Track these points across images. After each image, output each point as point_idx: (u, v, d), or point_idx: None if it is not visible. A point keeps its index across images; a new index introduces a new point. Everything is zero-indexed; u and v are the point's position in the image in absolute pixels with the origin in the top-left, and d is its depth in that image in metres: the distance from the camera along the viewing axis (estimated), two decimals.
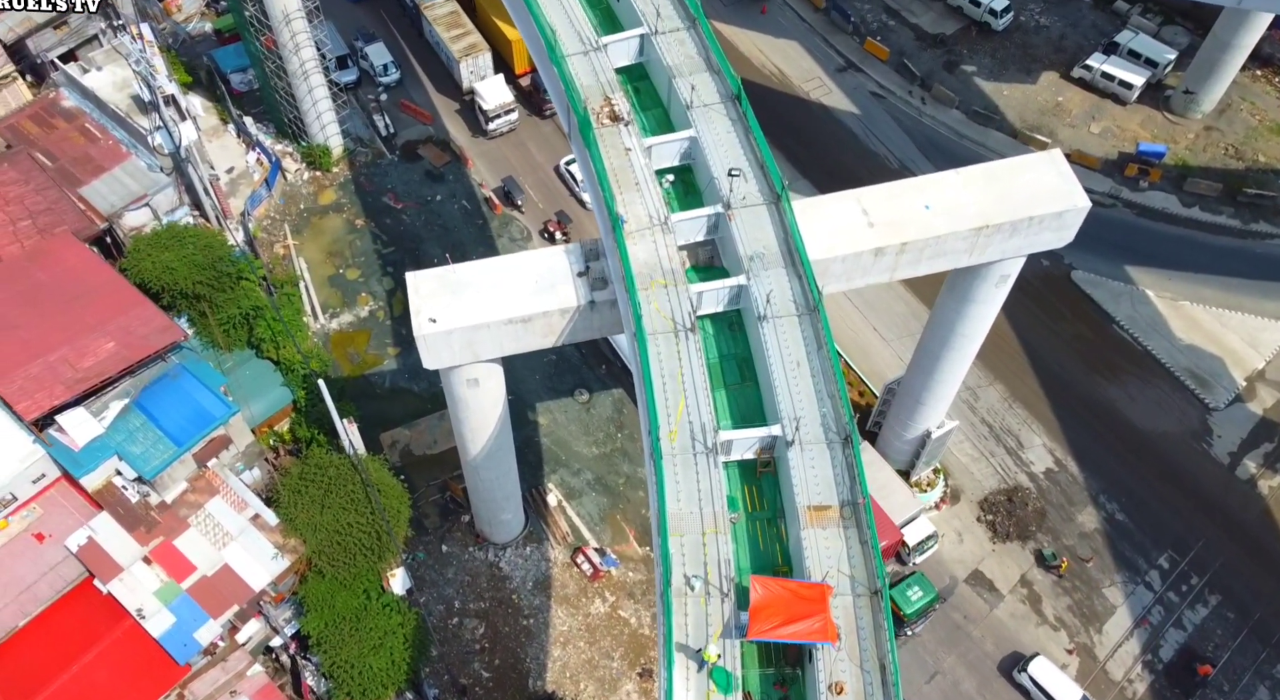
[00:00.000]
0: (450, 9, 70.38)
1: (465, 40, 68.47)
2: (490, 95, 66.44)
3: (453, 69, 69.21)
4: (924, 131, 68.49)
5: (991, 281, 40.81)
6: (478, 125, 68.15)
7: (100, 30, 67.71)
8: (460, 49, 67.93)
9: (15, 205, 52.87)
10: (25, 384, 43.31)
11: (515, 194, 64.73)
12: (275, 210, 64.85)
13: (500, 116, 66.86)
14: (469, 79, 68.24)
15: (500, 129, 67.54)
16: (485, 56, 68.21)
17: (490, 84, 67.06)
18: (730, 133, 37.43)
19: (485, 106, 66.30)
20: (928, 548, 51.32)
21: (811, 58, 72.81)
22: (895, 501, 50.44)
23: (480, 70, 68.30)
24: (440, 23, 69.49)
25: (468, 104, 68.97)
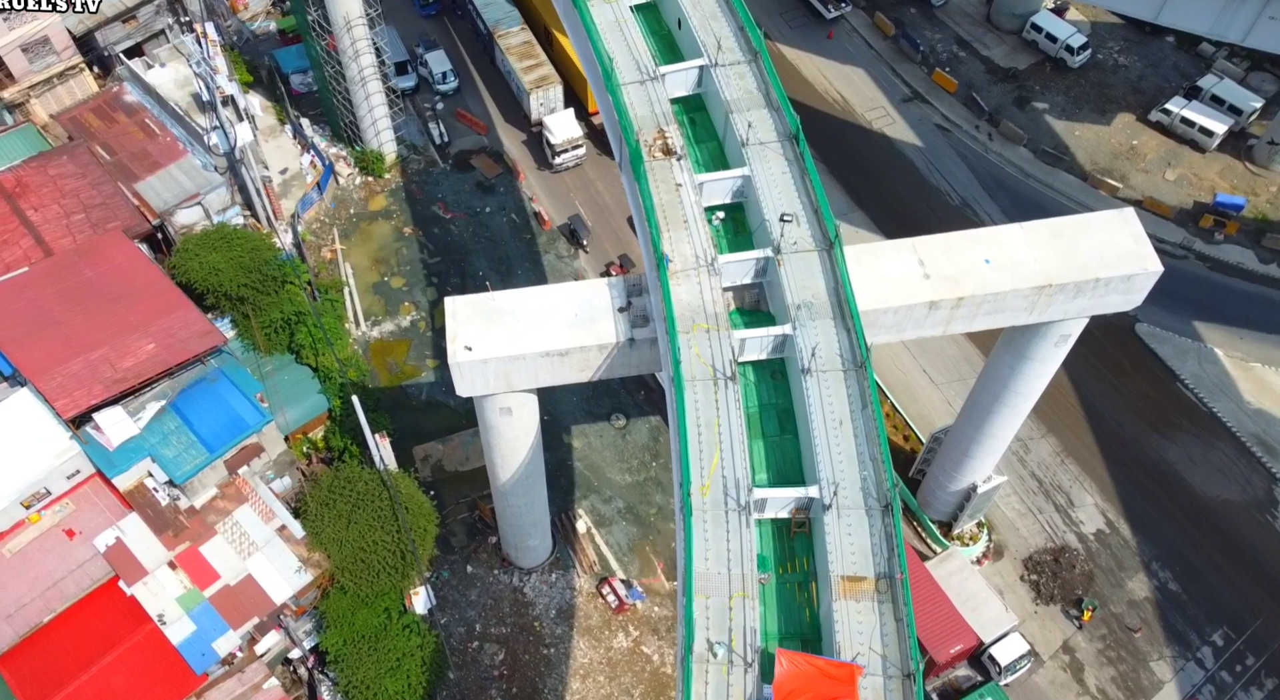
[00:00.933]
0: (524, 39, 68.44)
1: (537, 72, 66.58)
2: (559, 130, 64.68)
3: (522, 100, 67.34)
4: (989, 168, 66.35)
5: (1051, 340, 38.94)
6: (544, 158, 66.54)
7: (168, 26, 68.43)
8: (532, 80, 66.03)
9: (71, 199, 53.37)
10: (65, 381, 43.45)
11: (581, 233, 62.95)
12: (325, 214, 64.85)
13: (567, 151, 65.14)
14: (538, 111, 66.41)
15: (566, 164, 65.82)
16: (556, 89, 66.37)
17: (560, 118, 65.30)
18: (785, 173, 36.09)
19: (553, 140, 64.53)
20: (1019, 667, 47.62)
21: (877, 86, 71.02)
22: (987, 615, 47.64)
23: (550, 103, 66.45)
24: (513, 52, 67.59)
25: (535, 135, 67.31)
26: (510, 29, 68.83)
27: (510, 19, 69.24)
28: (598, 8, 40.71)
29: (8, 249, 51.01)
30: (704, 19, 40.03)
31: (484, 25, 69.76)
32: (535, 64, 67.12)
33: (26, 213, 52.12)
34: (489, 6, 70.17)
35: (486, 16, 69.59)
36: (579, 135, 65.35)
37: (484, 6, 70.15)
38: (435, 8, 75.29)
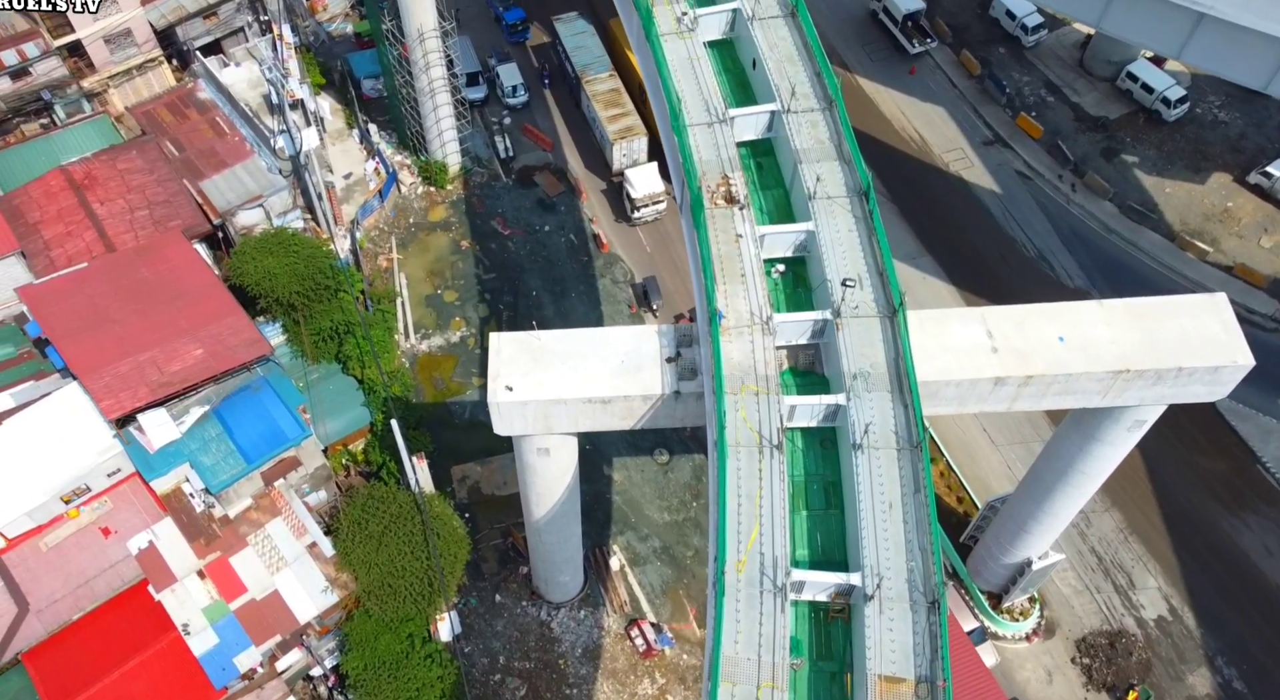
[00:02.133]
0: (612, 86, 65.98)
1: (623, 122, 64.25)
2: (640, 183, 62.48)
3: (605, 148, 65.06)
4: (1070, 221, 63.47)
5: (1124, 425, 36.54)
6: (622, 209, 64.52)
7: (247, 23, 68.94)
8: (616, 131, 63.72)
9: (137, 194, 53.76)
10: (112, 382, 43.50)
11: (653, 295, 60.21)
12: (385, 221, 64.62)
13: (648, 206, 63.12)
14: (620, 161, 64.24)
15: (645, 218, 63.87)
16: (641, 141, 63.82)
17: (642, 172, 63.09)
18: (852, 232, 34.34)
19: (634, 194, 62.25)
20: None
21: (957, 126, 68.54)
22: None
23: (634, 155, 64.32)
24: (600, 99, 65.21)
25: (615, 185, 65.12)
26: (599, 75, 66.35)
27: (600, 64, 66.76)
28: (671, 44, 39.39)
29: (71, 241, 51.52)
30: (780, 62, 38.45)
31: (572, 69, 67.56)
32: (621, 113, 64.64)
33: (93, 205, 52.61)
34: (579, 50, 67.76)
35: (576, 60, 67.31)
36: (660, 190, 62.70)
37: (574, 50, 67.77)
38: (526, 36, 73.80)
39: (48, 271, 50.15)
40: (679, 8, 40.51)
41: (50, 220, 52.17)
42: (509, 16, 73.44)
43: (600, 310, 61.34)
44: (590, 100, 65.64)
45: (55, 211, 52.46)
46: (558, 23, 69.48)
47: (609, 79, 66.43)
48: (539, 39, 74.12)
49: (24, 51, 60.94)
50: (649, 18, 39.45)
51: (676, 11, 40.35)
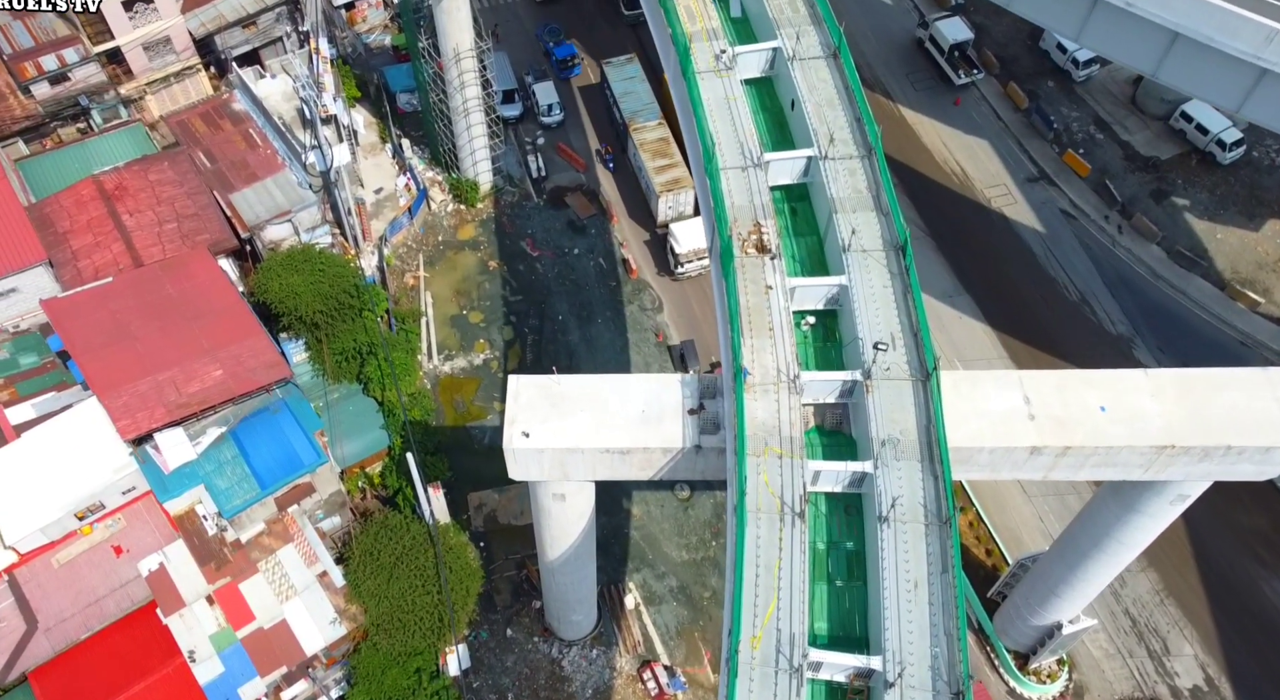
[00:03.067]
0: (661, 135, 63.35)
1: (670, 173, 61.69)
2: (686, 238, 60.05)
3: (650, 199, 62.74)
4: (1115, 264, 61.46)
5: (1166, 498, 34.85)
6: (665, 262, 61.93)
7: (285, 33, 68.74)
8: (663, 182, 61.30)
9: (166, 206, 53.54)
10: (130, 401, 43.15)
11: (690, 360, 57.72)
12: (413, 239, 64.03)
13: (692, 262, 60.77)
14: (666, 214, 61.98)
15: (689, 272, 61.59)
16: (689, 194, 61.54)
17: (689, 226, 60.67)
18: (887, 287, 33.00)
19: (678, 249, 59.88)
20: None
21: (1001, 161, 66.72)
22: None
23: (680, 208, 62.03)
24: (647, 148, 62.72)
25: (660, 237, 63.03)
26: (647, 123, 63.87)
27: (649, 112, 64.21)
28: (708, 82, 38.25)
29: (99, 252, 51.37)
30: (819, 105, 37.17)
31: (620, 114, 65.22)
32: (669, 164, 62.17)
33: (122, 217, 52.46)
34: (628, 96, 65.19)
35: (624, 106, 64.82)
36: (706, 246, 61.19)
37: (623, 95, 65.25)
38: (575, 72, 71.84)
39: (74, 282, 50.03)
40: (718, 44, 39.38)
41: (79, 230, 52.08)
42: (559, 52, 71.29)
43: (626, 337, 60.31)
44: (637, 149, 63.08)
45: (85, 221, 52.37)
46: (607, 66, 67.12)
47: (658, 128, 63.78)
48: (588, 78, 72.02)
49: (64, 57, 61.09)
50: (686, 55, 38.36)
51: (715, 48, 39.22)
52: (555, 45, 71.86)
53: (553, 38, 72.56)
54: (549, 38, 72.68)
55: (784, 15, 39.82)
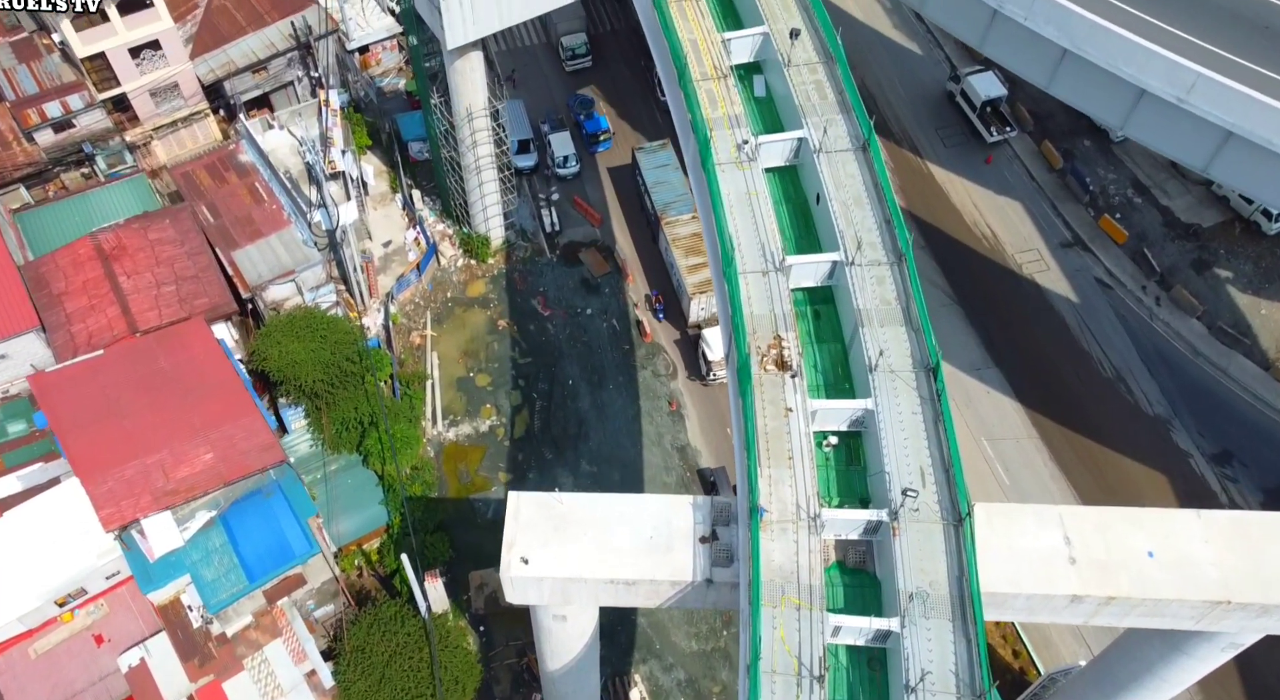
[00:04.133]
0: (694, 230, 59.04)
1: (705, 272, 56.98)
2: (719, 345, 55.69)
3: (682, 299, 58.58)
4: (1153, 339, 58.60)
5: (1218, 646, 32.15)
6: (696, 367, 58.03)
7: (296, 78, 67.03)
8: (696, 283, 57.00)
9: (165, 267, 51.73)
10: (115, 487, 41.23)
11: (722, 485, 53.43)
12: (421, 295, 61.99)
13: (725, 369, 57.53)
14: (698, 315, 58.11)
15: (722, 378, 57.64)
16: None
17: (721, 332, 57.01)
18: (916, 414, 30.52)
19: (711, 355, 55.92)
20: None
21: (1033, 224, 64.01)
22: None
23: (713, 309, 57.54)
24: (680, 244, 58.35)
25: (691, 339, 58.84)
26: (680, 216, 59.36)
27: (683, 204, 59.74)
28: (728, 175, 35.93)
29: (94, 315, 49.59)
30: (845, 203, 34.77)
31: (651, 204, 60.98)
32: (704, 263, 57.39)
33: (119, 278, 50.68)
34: (661, 186, 60.65)
35: (656, 196, 60.41)
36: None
37: (655, 185, 60.80)
38: (606, 146, 67.75)
39: (66, 348, 48.24)
40: (740, 133, 37.05)
41: (75, 292, 50.33)
42: (589, 125, 67.74)
43: (638, 404, 57.99)
44: (669, 244, 58.73)
45: (80, 283, 50.63)
46: (639, 152, 62.48)
47: (691, 222, 59.31)
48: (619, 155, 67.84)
49: (68, 103, 59.60)
50: (706, 145, 36.05)
51: (737, 138, 36.90)
52: (585, 118, 68.25)
53: (583, 109, 69.00)
54: (580, 109, 69.04)
55: (810, 102, 37.47)
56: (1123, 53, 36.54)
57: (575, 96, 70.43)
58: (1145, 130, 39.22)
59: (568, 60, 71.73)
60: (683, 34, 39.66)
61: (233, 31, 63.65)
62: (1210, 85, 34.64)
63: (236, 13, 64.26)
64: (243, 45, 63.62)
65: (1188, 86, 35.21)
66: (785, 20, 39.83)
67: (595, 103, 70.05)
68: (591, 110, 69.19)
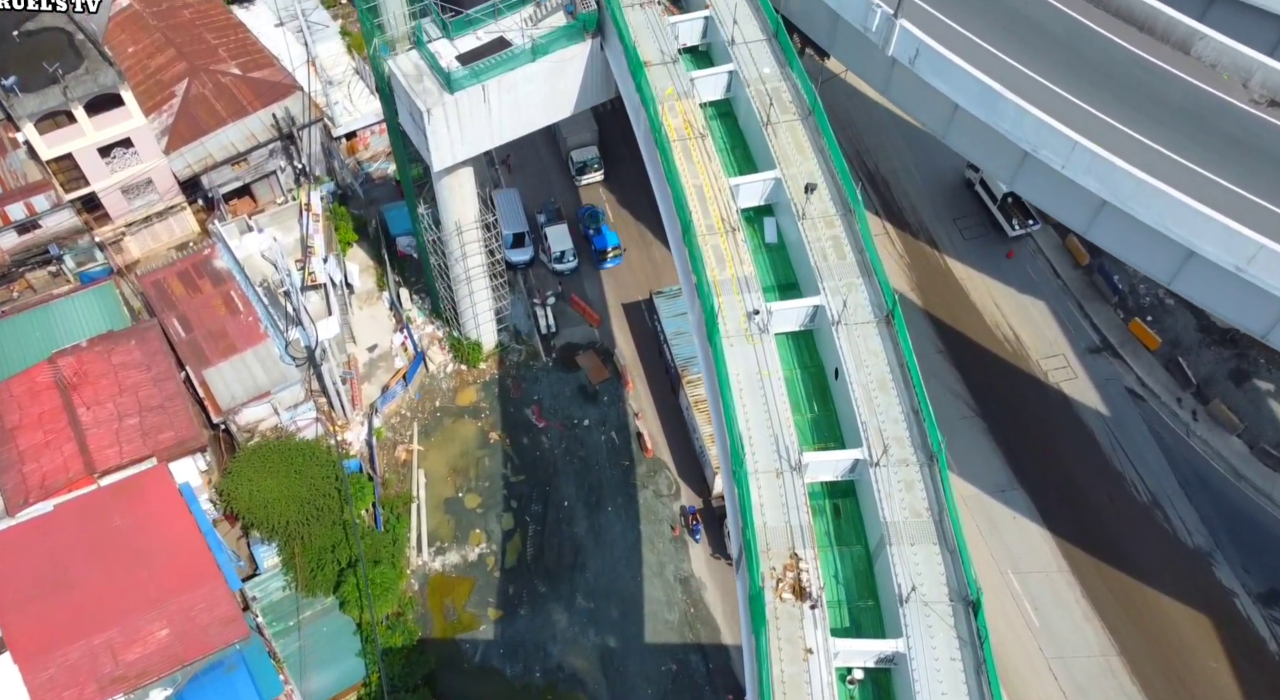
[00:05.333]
0: None
1: None
2: None
3: (704, 467, 53.32)
4: (1189, 459, 54.65)
5: None
6: (720, 540, 52.76)
7: (279, 168, 63.54)
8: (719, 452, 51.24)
9: (128, 397, 48.08)
10: (57, 674, 37.41)
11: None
12: (408, 406, 58.23)
13: None
14: (721, 487, 51.52)
15: None
16: None
17: None
18: (955, 660, 26.60)
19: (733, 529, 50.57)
20: None
21: (1059, 327, 60.18)
22: None
23: None
24: (702, 408, 52.43)
25: (715, 512, 53.10)
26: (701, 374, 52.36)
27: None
28: (737, 350, 32.18)
29: (49, 454, 45.92)
30: (868, 387, 31.01)
31: (671, 358, 55.23)
32: None
33: (79, 409, 47.05)
34: (681, 337, 54.33)
35: (676, 349, 54.69)
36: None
37: (675, 336, 54.84)
38: (616, 262, 62.83)
39: (18, 491, 44.48)
40: (751, 299, 33.32)
41: (30, 426, 46.67)
42: (598, 241, 62.60)
43: (639, 529, 54.12)
44: (690, 404, 53.19)
45: (37, 415, 46.98)
46: (658, 298, 56.83)
47: None
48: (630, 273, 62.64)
49: (33, 205, 56.01)
50: (713, 317, 32.32)
51: (748, 305, 33.16)
52: (594, 233, 63.36)
53: (592, 223, 63.88)
54: (588, 222, 64.03)
55: (828, 262, 33.77)
56: (1173, 214, 32.79)
57: (584, 209, 65.24)
58: (1197, 291, 35.51)
59: (577, 174, 66.07)
60: (687, 179, 35.99)
61: (211, 123, 60.15)
62: (1275, 258, 30.92)
63: (216, 102, 60.79)
64: (221, 137, 60.08)
65: (1248, 257, 31.48)
66: (800, 164, 36.19)
67: (605, 215, 64.70)
68: (600, 224, 63.83)
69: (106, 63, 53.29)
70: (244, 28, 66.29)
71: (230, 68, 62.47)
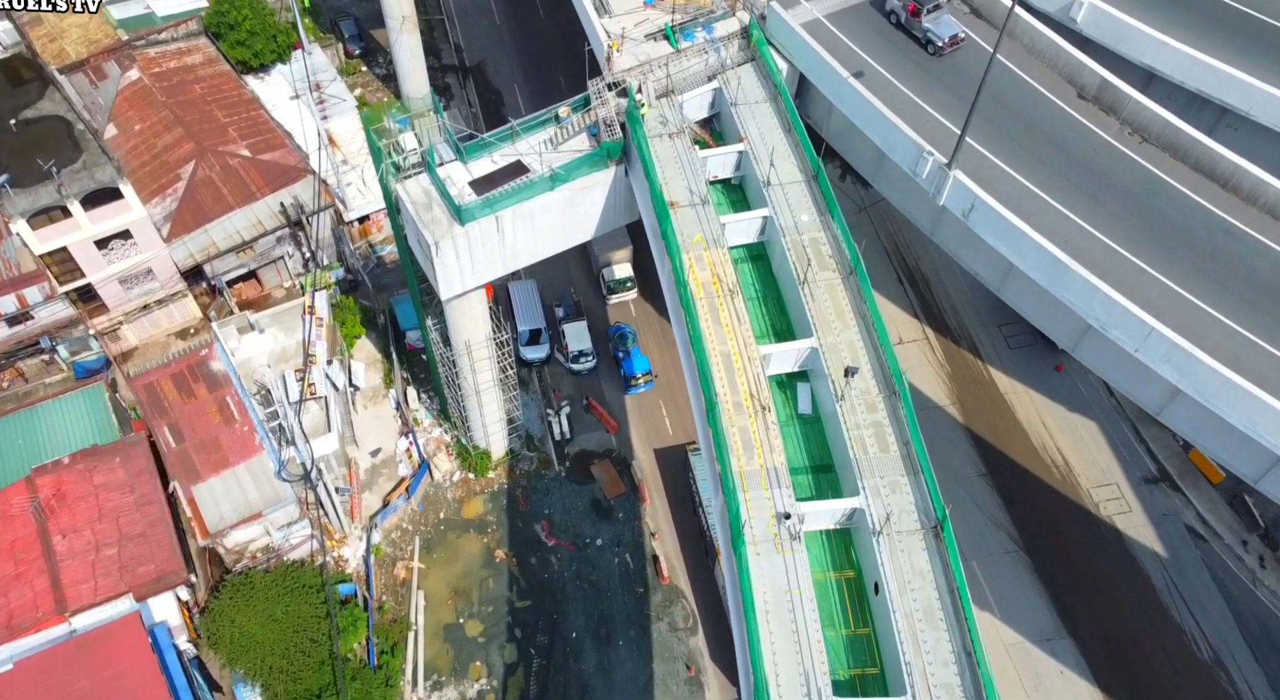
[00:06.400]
0: None
1: None
2: None
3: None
4: (1256, 610, 50.06)
5: None
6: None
7: (286, 254, 60.65)
8: None
9: (108, 523, 44.97)
10: None
11: None
12: (409, 518, 54.78)
13: None
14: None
15: None
16: None
17: None
18: None
19: None
20: None
21: (1111, 452, 55.81)
22: None
23: None
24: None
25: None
26: None
27: None
28: (765, 562, 28.37)
29: (18, 588, 42.85)
30: (912, 616, 27.10)
31: (706, 524, 50.53)
32: None
33: (54, 538, 44.02)
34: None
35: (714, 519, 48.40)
36: None
37: (710, 500, 48.30)
38: (647, 388, 57.83)
39: None
40: (781, 497, 29.56)
41: (1, 554, 43.62)
42: (628, 365, 57.72)
43: (651, 668, 50.25)
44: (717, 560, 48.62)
45: (9, 542, 43.99)
46: (694, 456, 51.94)
47: None
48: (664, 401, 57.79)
49: (24, 297, 53.38)
50: (738, 524, 28.52)
51: (777, 505, 29.42)
52: (624, 356, 58.21)
53: (622, 344, 58.72)
54: (618, 343, 59.03)
55: (869, 455, 29.93)
56: (1264, 419, 28.71)
57: (613, 328, 60.27)
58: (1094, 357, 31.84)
59: (609, 293, 61.39)
60: (713, 346, 32.35)
61: (217, 209, 57.27)
62: None
63: (223, 186, 57.97)
64: (226, 224, 57.23)
65: None
66: (839, 331, 32.44)
67: (636, 336, 59.30)
68: (630, 346, 58.48)
69: (106, 156, 50.65)
70: (256, 104, 63.58)
71: (240, 149, 59.70)
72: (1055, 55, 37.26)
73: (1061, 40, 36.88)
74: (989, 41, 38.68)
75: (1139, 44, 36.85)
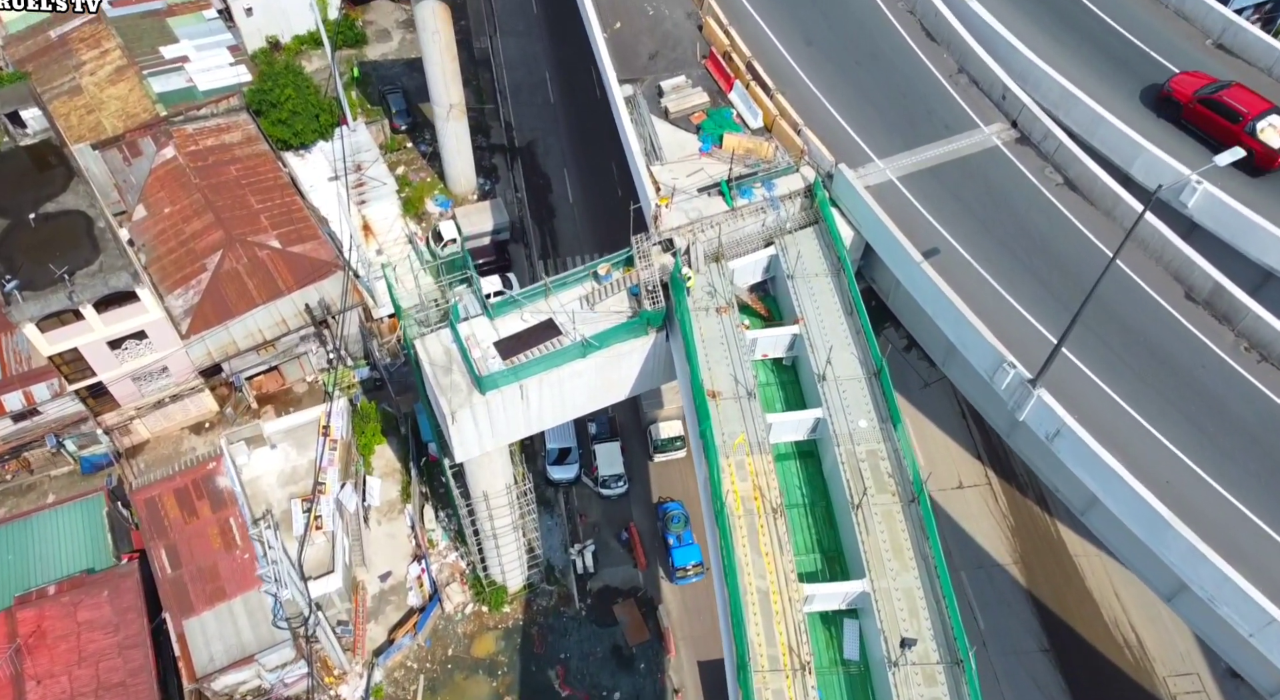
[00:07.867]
0: None
1: None
2: None
3: None
4: None
5: None
6: None
7: (311, 350, 57.67)
8: None
9: (88, 667, 41.87)
10: None
11: None
12: (415, 656, 51.02)
13: None
14: None
15: None
16: None
17: None
18: None
19: None
20: None
21: (1193, 636, 50.06)
22: None
23: None
24: None
25: None
26: None
27: None
28: None
29: None
30: None
31: None
32: None
33: (27, 684, 40.92)
34: None
35: None
36: None
37: None
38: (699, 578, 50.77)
39: None
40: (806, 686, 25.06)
41: None
42: (678, 555, 50.91)
43: None
44: None
45: None
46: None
47: None
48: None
49: (31, 394, 51.10)
50: None
51: None
52: (676, 541, 51.45)
53: (673, 525, 51.84)
54: (669, 525, 52.20)
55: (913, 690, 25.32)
56: None
57: (664, 505, 53.21)
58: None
59: (656, 452, 55.31)
60: (749, 581, 28.07)
61: (241, 304, 54.40)
62: None
63: (249, 280, 55.15)
64: (248, 322, 54.39)
65: None
66: (896, 574, 28.00)
67: (688, 519, 51.42)
68: (682, 530, 51.26)
69: (124, 257, 48.05)
70: (291, 189, 60.88)
71: (270, 239, 56.94)
72: (1161, 246, 32.57)
73: (1169, 232, 32.14)
74: (1086, 222, 34.05)
75: (1261, 242, 31.99)
